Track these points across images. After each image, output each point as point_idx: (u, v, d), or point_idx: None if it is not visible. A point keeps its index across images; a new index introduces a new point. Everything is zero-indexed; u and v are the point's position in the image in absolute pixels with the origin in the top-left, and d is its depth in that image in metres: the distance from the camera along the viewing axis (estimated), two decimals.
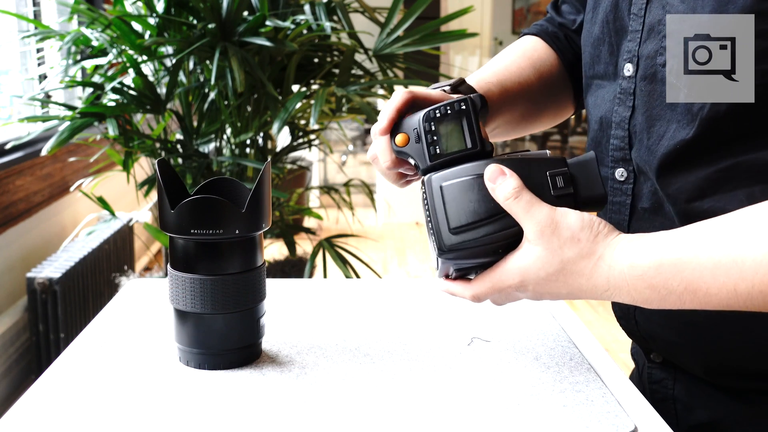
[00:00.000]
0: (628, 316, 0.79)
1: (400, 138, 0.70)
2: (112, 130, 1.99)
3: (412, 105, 0.72)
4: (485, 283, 0.67)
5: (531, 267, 0.64)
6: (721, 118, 0.65)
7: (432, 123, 0.68)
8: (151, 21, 2.10)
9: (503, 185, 0.64)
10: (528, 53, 0.91)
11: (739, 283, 0.56)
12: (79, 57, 2.25)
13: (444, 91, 0.77)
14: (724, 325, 0.70)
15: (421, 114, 0.69)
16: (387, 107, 0.72)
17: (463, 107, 0.68)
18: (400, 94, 0.72)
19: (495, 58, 0.91)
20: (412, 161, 0.70)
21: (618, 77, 0.75)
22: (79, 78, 2.42)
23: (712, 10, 0.63)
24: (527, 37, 0.94)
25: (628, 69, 0.73)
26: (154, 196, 2.48)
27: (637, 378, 0.86)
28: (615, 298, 0.63)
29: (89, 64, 2.24)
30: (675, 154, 0.68)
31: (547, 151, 0.68)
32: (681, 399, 0.78)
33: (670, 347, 0.77)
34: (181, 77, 2.18)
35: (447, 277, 0.71)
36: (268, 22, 1.96)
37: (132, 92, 2.08)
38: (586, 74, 0.82)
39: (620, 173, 0.75)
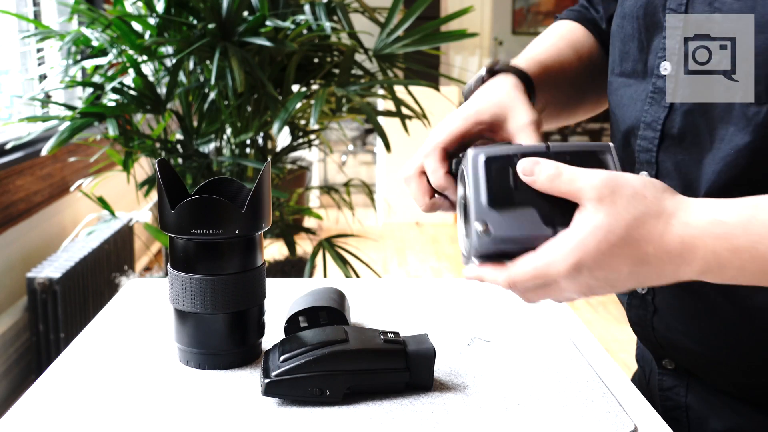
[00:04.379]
0: (644, 322, 0.76)
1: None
2: (112, 130, 1.99)
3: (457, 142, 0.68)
4: (527, 266, 0.57)
5: (589, 242, 0.54)
6: None
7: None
8: (151, 21, 2.10)
9: (542, 170, 0.58)
10: (566, 35, 0.85)
11: None
12: (79, 57, 2.25)
13: (482, 79, 0.72)
14: (757, 336, 0.67)
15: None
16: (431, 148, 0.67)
17: None
18: (455, 124, 0.68)
19: (533, 42, 0.85)
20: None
21: (649, 75, 0.71)
22: (79, 78, 2.42)
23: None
24: (563, 21, 0.88)
25: (665, 67, 0.68)
26: (154, 196, 2.48)
27: (644, 382, 0.83)
28: (684, 269, 0.54)
29: (89, 64, 2.24)
30: (731, 160, 0.63)
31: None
32: (693, 407, 0.76)
33: (691, 357, 0.73)
34: (181, 77, 2.18)
35: (481, 259, 0.61)
36: (268, 22, 1.96)
37: (132, 92, 2.08)
38: (612, 71, 0.77)
39: (643, 175, 0.69)
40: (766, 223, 0.52)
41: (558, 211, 0.58)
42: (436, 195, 0.69)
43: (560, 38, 0.85)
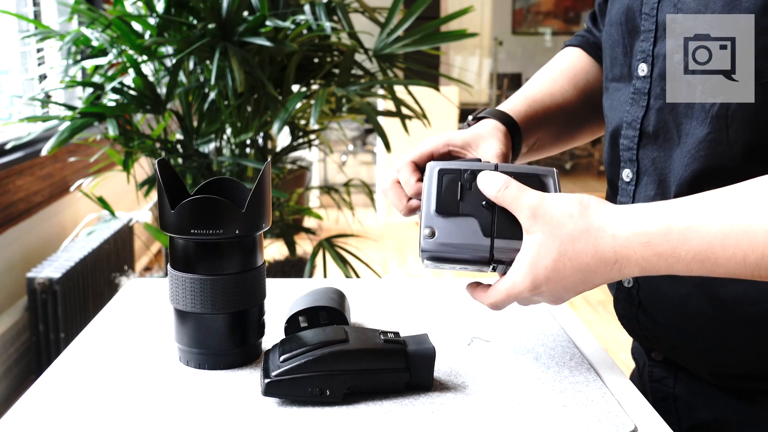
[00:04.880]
0: (630, 315, 0.79)
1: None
2: (112, 130, 1.99)
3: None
4: (500, 289, 0.67)
5: (537, 262, 0.63)
6: (731, 117, 0.64)
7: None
8: (151, 21, 2.10)
9: (492, 181, 0.66)
10: (567, 71, 0.91)
11: (749, 254, 0.56)
12: (79, 57, 2.25)
13: (467, 123, 0.81)
14: (730, 327, 0.70)
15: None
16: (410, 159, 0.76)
17: None
18: (424, 145, 0.76)
19: (533, 77, 0.92)
20: None
21: (632, 78, 0.74)
22: (79, 78, 2.42)
23: (722, 8, 0.63)
24: (569, 49, 0.94)
25: (642, 69, 0.73)
26: (154, 196, 2.48)
27: (637, 377, 0.86)
28: (626, 272, 0.61)
29: (89, 64, 2.24)
30: (695, 152, 0.68)
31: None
32: (682, 398, 0.78)
33: (674, 348, 0.77)
34: (181, 77, 2.18)
35: (429, 260, 0.69)
36: (268, 22, 1.96)
37: (132, 92, 2.08)
38: (606, 77, 0.82)
39: (626, 174, 0.75)
40: (683, 230, 0.58)
41: (496, 224, 0.66)
42: (412, 200, 0.76)
43: (560, 73, 0.91)
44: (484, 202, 0.67)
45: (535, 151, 0.88)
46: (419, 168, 0.75)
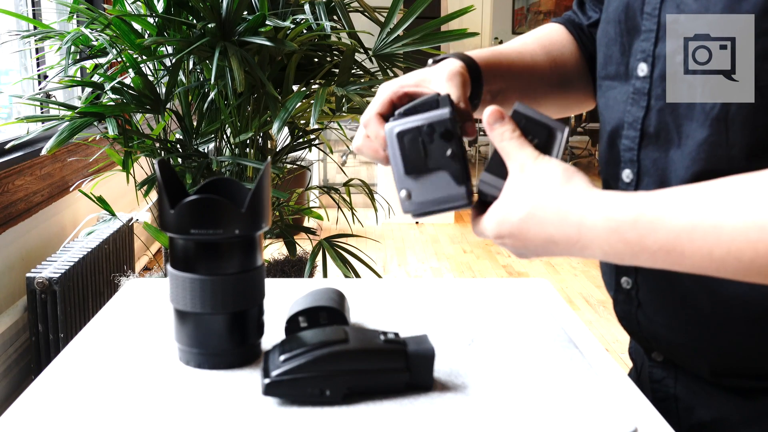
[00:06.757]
0: (630, 316, 0.79)
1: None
2: (111, 130, 1.99)
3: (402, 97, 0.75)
4: (475, 225, 0.69)
5: (505, 213, 0.64)
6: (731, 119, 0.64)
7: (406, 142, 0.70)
8: (151, 21, 2.10)
9: (503, 126, 0.67)
10: (541, 39, 0.92)
11: (715, 249, 0.56)
12: (78, 57, 2.25)
13: (428, 65, 0.79)
14: (730, 325, 0.70)
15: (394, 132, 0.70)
16: (374, 105, 0.75)
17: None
18: (380, 95, 0.75)
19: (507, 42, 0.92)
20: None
21: (630, 77, 0.74)
22: (78, 78, 2.42)
23: (723, 9, 0.63)
24: (548, 24, 0.95)
25: (642, 69, 0.72)
26: (154, 196, 2.48)
27: (635, 377, 0.86)
28: (587, 253, 0.62)
29: (89, 63, 2.24)
30: (695, 154, 0.67)
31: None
32: (682, 398, 0.78)
33: (674, 348, 0.77)
34: (181, 77, 2.18)
35: (414, 216, 0.70)
36: (268, 22, 1.95)
37: (132, 92, 2.08)
38: (599, 75, 0.82)
39: (626, 174, 0.75)
40: (652, 220, 0.58)
41: (467, 171, 0.67)
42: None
43: (534, 39, 0.92)
44: (449, 152, 0.67)
45: (497, 99, 0.86)
46: (385, 117, 0.74)
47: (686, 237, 0.57)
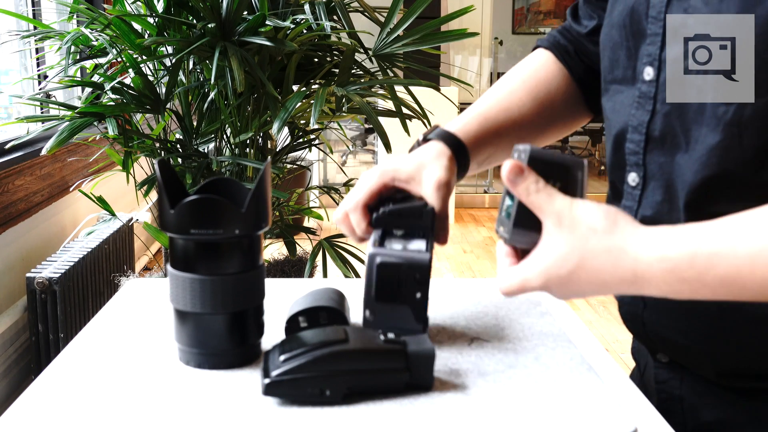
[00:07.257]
0: (635, 318, 0.79)
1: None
2: (111, 130, 1.99)
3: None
4: (512, 284, 0.66)
5: (553, 269, 0.62)
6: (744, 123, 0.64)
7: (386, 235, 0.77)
8: (151, 21, 2.10)
9: (522, 181, 0.64)
10: (527, 81, 0.91)
11: None
12: (78, 57, 2.25)
13: (417, 142, 0.84)
14: (737, 327, 0.70)
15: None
16: (359, 192, 0.79)
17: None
18: (372, 182, 0.79)
19: (494, 86, 0.92)
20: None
21: (636, 81, 0.74)
22: (78, 78, 2.42)
23: (738, 12, 0.62)
24: (539, 52, 0.95)
25: (648, 73, 0.72)
26: (154, 196, 2.48)
27: (638, 377, 0.85)
28: (644, 292, 0.61)
29: (89, 63, 2.24)
30: (705, 159, 0.67)
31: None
32: (688, 399, 0.78)
33: (679, 349, 0.76)
34: (181, 77, 2.18)
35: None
36: (268, 22, 1.95)
37: (132, 92, 2.08)
38: (605, 79, 0.81)
39: (632, 178, 0.75)
40: (709, 256, 0.57)
41: (426, 311, 0.73)
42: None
43: (521, 83, 0.92)
44: (418, 295, 0.72)
45: (484, 165, 0.89)
46: (369, 208, 0.79)
47: (747, 269, 0.55)
